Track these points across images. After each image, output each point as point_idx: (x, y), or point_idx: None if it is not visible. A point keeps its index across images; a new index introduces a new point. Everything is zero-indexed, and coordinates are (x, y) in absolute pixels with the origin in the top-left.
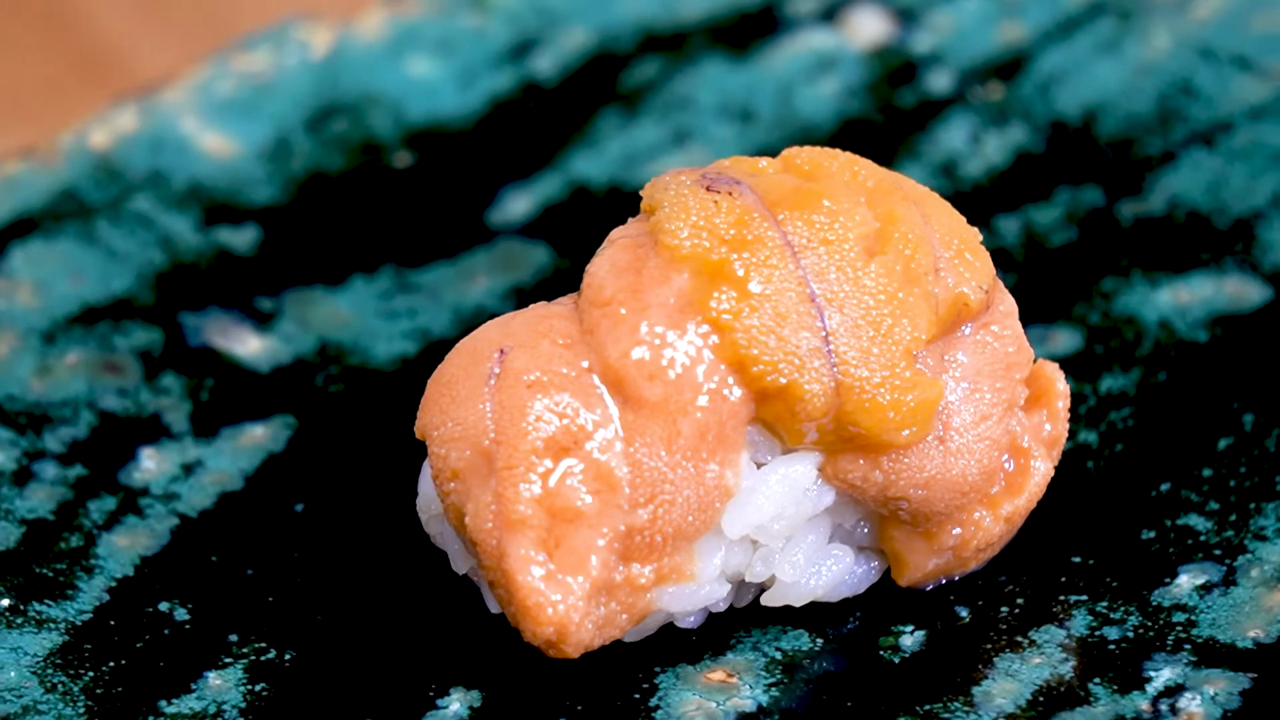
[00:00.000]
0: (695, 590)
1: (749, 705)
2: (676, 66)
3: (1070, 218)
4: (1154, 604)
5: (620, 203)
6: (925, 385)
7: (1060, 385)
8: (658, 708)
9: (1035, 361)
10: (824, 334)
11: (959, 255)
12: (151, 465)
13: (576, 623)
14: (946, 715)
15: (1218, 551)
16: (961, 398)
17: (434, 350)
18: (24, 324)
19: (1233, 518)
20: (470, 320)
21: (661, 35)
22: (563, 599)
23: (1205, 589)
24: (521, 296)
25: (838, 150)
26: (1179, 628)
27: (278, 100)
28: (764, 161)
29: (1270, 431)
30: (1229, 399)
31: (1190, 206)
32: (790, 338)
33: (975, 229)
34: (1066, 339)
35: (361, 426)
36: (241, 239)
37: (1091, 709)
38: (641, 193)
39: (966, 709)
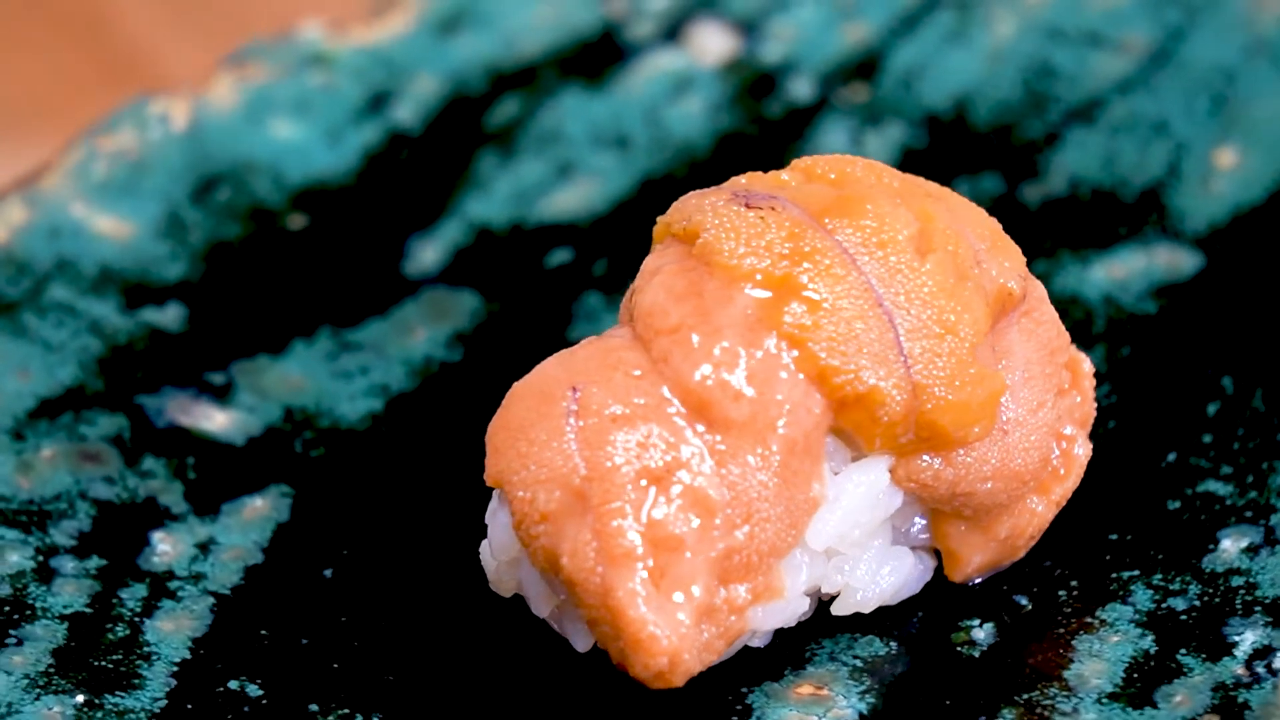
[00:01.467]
0: (784, 607)
1: (850, 715)
2: (536, 101)
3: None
4: (1208, 571)
5: (526, 240)
6: (990, 379)
7: (1086, 365)
8: None
9: None
10: (896, 337)
11: (993, 247)
12: (167, 548)
13: (687, 652)
14: (1047, 702)
15: (1249, 514)
16: (1016, 388)
17: (399, 404)
18: None
19: (1250, 479)
20: (423, 372)
21: (509, 73)
22: (673, 629)
23: (1251, 551)
24: (467, 344)
25: (852, 156)
26: (1242, 591)
27: (155, 176)
28: (785, 174)
29: (1253, 391)
30: (1201, 365)
31: (1092, 183)
32: (866, 344)
33: (994, 219)
34: None
35: (357, 487)
36: (168, 317)
37: (1190, 679)
38: (667, 221)
39: (1065, 694)
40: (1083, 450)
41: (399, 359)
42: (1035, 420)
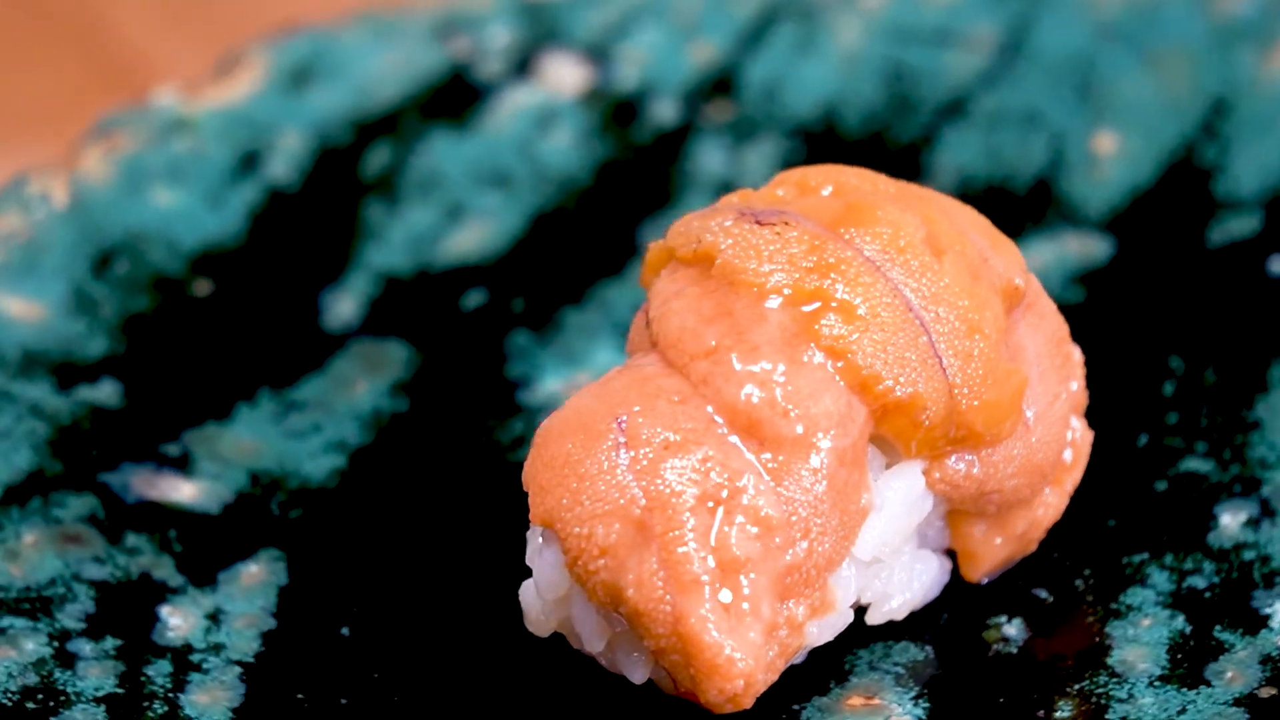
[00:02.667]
0: (836, 620)
1: None
2: (406, 147)
3: None
4: (1216, 548)
5: (436, 285)
6: (1015, 375)
7: (1076, 354)
8: None
9: None
10: (930, 340)
11: (994, 243)
12: (178, 621)
13: (760, 672)
14: (1101, 690)
15: (1238, 488)
16: (1034, 382)
17: (362, 459)
18: None
19: (1227, 454)
20: (375, 424)
21: (372, 121)
22: (747, 651)
23: (1253, 524)
24: (410, 393)
25: (840, 166)
26: (1257, 564)
27: (51, 255)
28: (779, 190)
29: (1203, 368)
30: (1142, 347)
31: (983, 179)
32: (904, 350)
33: (984, 217)
34: None
35: (346, 544)
36: (104, 393)
37: (1235, 655)
38: (667, 245)
39: (1115, 681)
40: (1084, 437)
41: (347, 414)
42: (1052, 413)
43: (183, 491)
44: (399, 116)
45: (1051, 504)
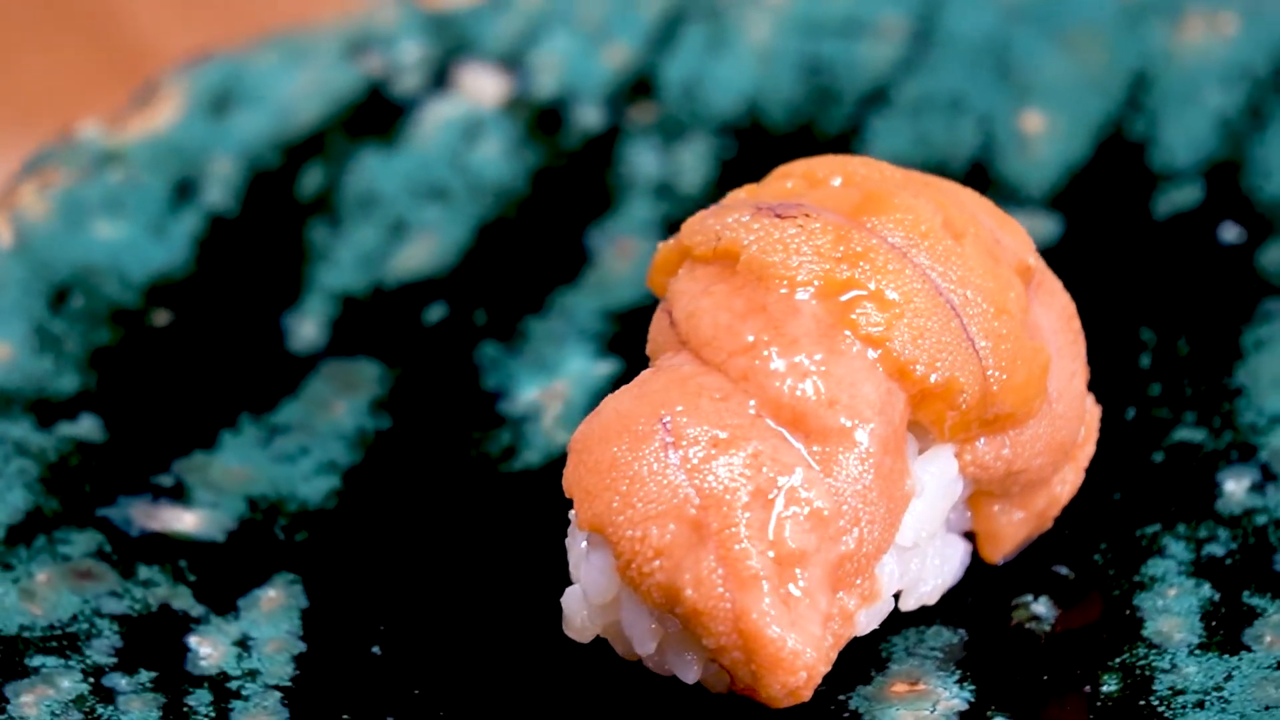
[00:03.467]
0: (881, 609)
1: (960, 704)
2: (339, 167)
3: None
4: (1226, 515)
5: (394, 301)
6: (1039, 352)
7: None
8: None
9: None
10: (962, 323)
11: (1000, 225)
12: (209, 650)
13: (822, 664)
14: (1143, 663)
15: (1234, 454)
16: (1053, 358)
17: (356, 478)
18: None
19: (1217, 422)
20: (362, 443)
21: (299, 143)
22: (809, 643)
23: (1257, 489)
24: (390, 410)
25: (844, 156)
26: (1270, 528)
27: (5, 294)
28: (788, 183)
29: (1176, 338)
30: (1111, 320)
31: (918, 165)
32: (938, 334)
33: (986, 198)
34: None
35: (358, 564)
36: (85, 428)
37: (1268, 619)
38: (685, 243)
39: (1155, 652)
40: (1094, 412)
41: (331, 435)
42: (1071, 389)
43: (184, 521)
44: (325, 137)
45: (1070, 480)
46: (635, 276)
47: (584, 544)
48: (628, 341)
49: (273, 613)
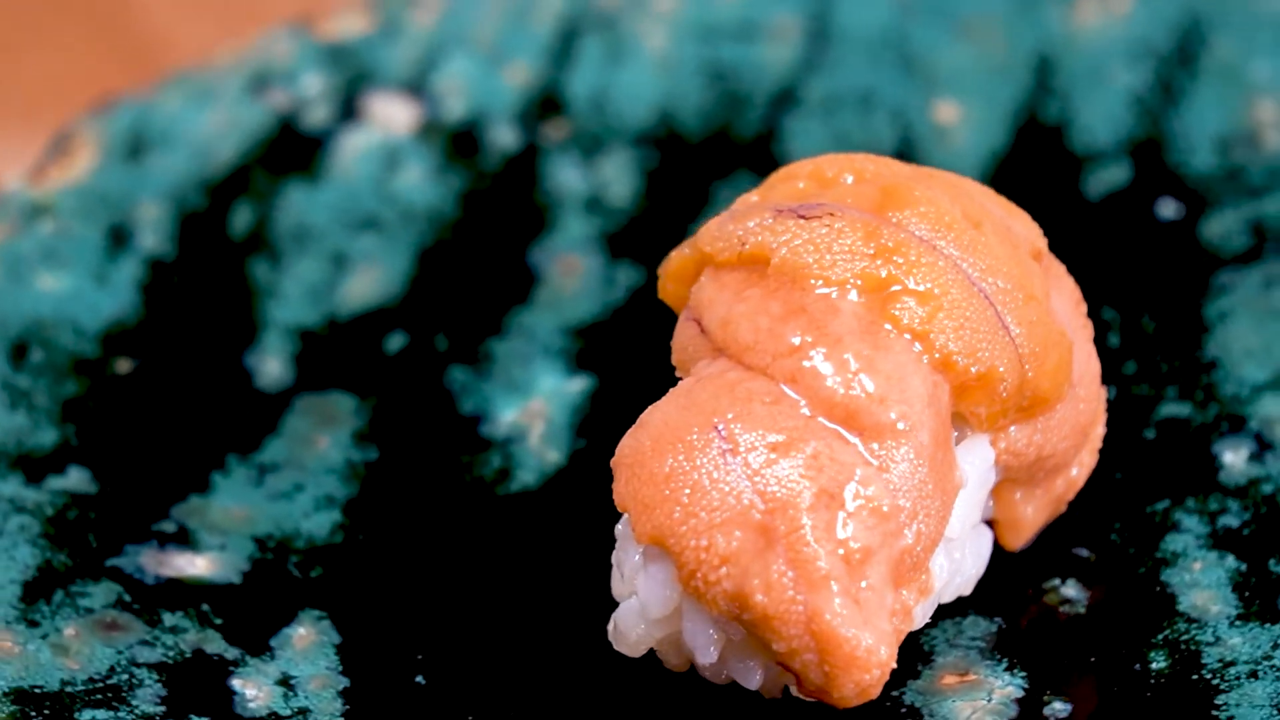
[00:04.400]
0: (932, 602)
1: (1015, 692)
2: (266, 204)
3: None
4: (1232, 485)
5: (352, 334)
6: (1064, 336)
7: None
8: None
9: None
10: (997, 312)
11: (1008, 213)
12: (254, 692)
13: (893, 660)
14: (1186, 638)
15: (1224, 426)
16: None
17: (356, 511)
18: None
19: (1199, 395)
20: (355, 475)
21: (221, 183)
22: (882, 640)
23: (1256, 458)
24: (375, 440)
25: (848, 154)
26: (1278, 495)
27: None
28: (800, 183)
29: (1138, 316)
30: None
31: None
32: (977, 324)
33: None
34: None
35: (380, 596)
36: (76, 481)
37: None
38: (706, 249)
39: (1196, 626)
40: (1102, 393)
41: (321, 469)
42: (1089, 371)
43: (197, 565)
44: (247, 174)
45: (1085, 463)
46: (586, 291)
47: (638, 557)
48: (595, 356)
49: (307, 650)
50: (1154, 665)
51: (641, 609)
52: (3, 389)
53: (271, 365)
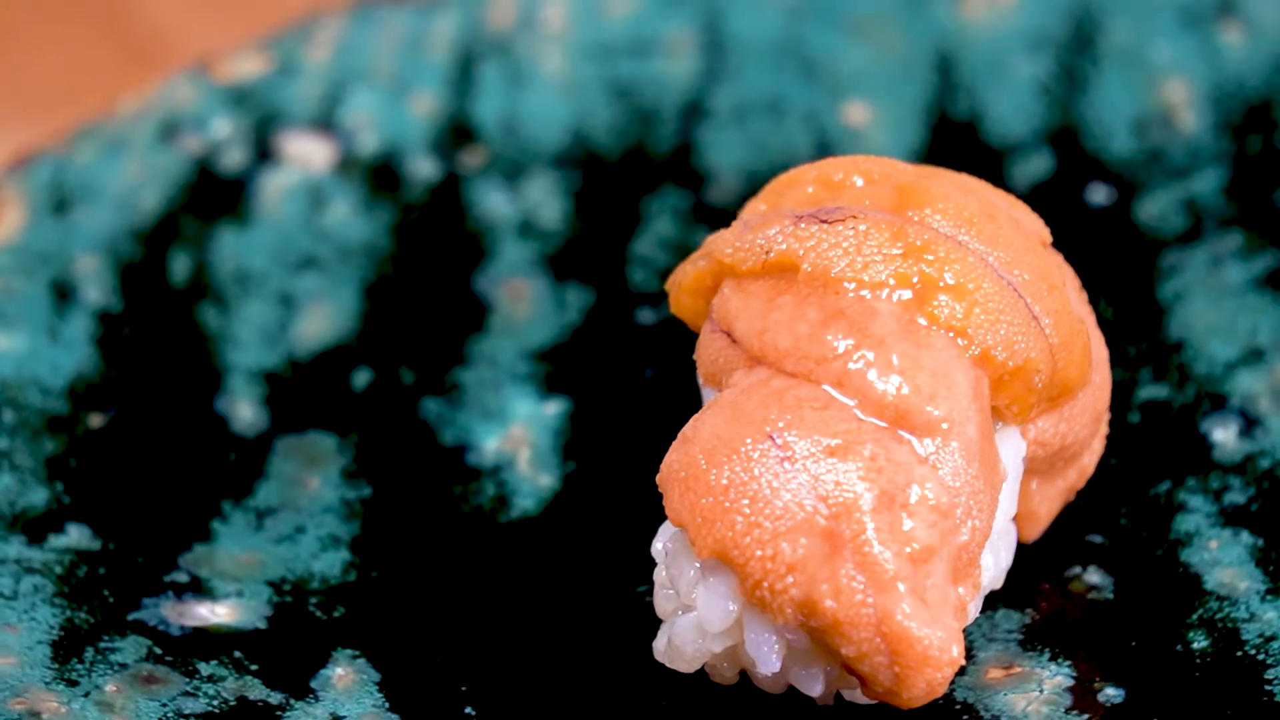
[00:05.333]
0: (981, 597)
1: (1066, 681)
2: (202, 249)
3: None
4: (1229, 463)
5: (316, 373)
6: (1082, 323)
7: None
8: (999, 716)
9: None
10: (1026, 303)
11: (1011, 204)
12: None
13: (962, 657)
14: (1220, 615)
15: (1206, 405)
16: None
17: (364, 547)
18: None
19: (1174, 377)
20: (354, 514)
21: (152, 231)
22: (950, 639)
23: (1245, 434)
24: (365, 477)
25: (848, 156)
26: (1278, 468)
27: None
28: (810, 188)
29: (1094, 304)
30: None
31: (766, 172)
32: (1011, 317)
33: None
34: None
35: (409, 631)
36: (77, 538)
37: None
38: (727, 261)
39: (1228, 603)
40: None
41: (317, 509)
42: (1101, 356)
43: (219, 614)
44: (176, 221)
45: (1096, 450)
46: (539, 315)
47: (693, 572)
48: (564, 378)
49: (350, 690)
50: (1195, 645)
51: (701, 623)
52: None
53: (244, 409)
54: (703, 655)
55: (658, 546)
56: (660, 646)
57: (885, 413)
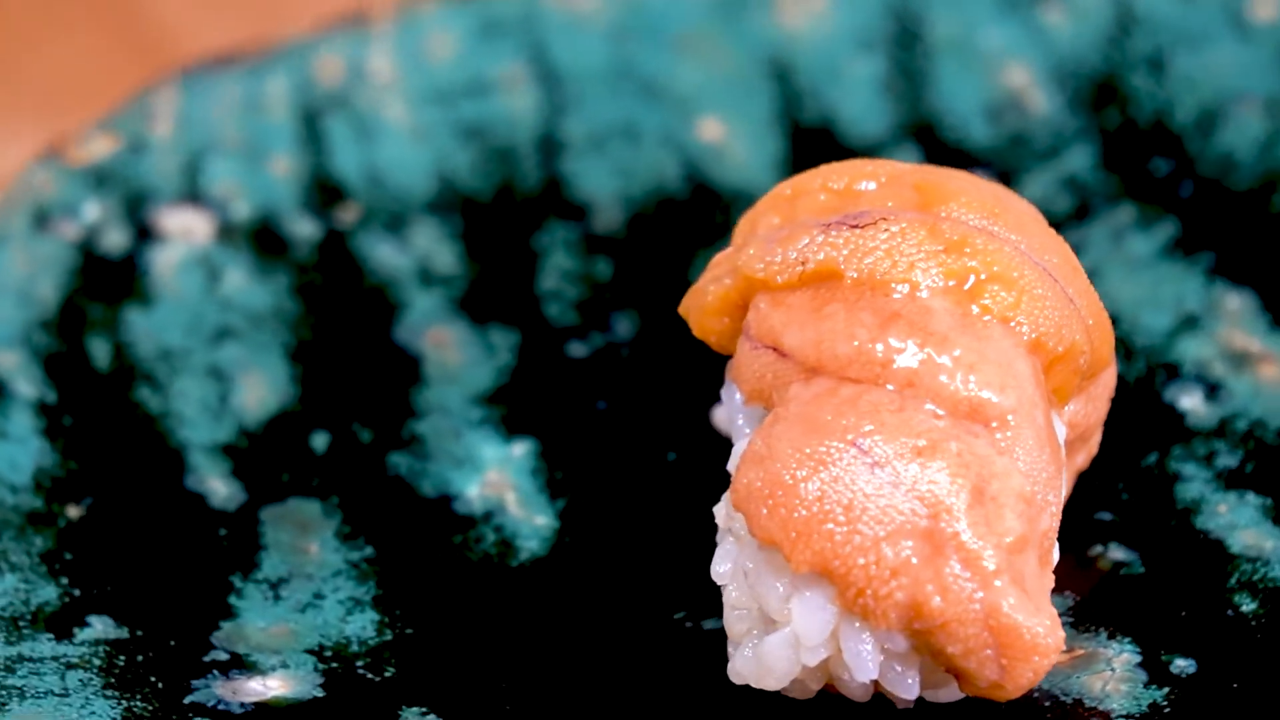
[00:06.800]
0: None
1: (1133, 657)
2: (116, 333)
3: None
4: (1209, 429)
5: (274, 441)
6: (1100, 302)
7: None
8: (1081, 699)
9: None
10: (1063, 287)
11: (1006, 193)
12: None
13: (1063, 643)
14: (1258, 576)
15: (1162, 375)
16: None
17: (387, 606)
18: None
19: (1120, 351)
20: (367, 574)
21: (59, 321)
22: (1054, 626)
23: (1211, 397)
24: (363, 536)
25: (850, 160)
26: (1256, 427)
27: None
28: (822, 196)
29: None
30: None
31: (643, 197)
32: (1055, 302)
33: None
34: None
35: (467, 682)
36: (104, 629)
37: None
38: (751, 274)
39: (1261, 564)
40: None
41: (328, 574)
42: (1110, 334)
43: (272, 687)
44: (81, 310)
45: (1098, 433)
46: (471, 360)
47: (782, 588)
48: (520, 419)
49: None
50: (1244, 608)
51: (796, 638)
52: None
53: (216, 485)
54: (795, 670)
55: (722, 569)
56: (740, 667)
57: (959, 408)
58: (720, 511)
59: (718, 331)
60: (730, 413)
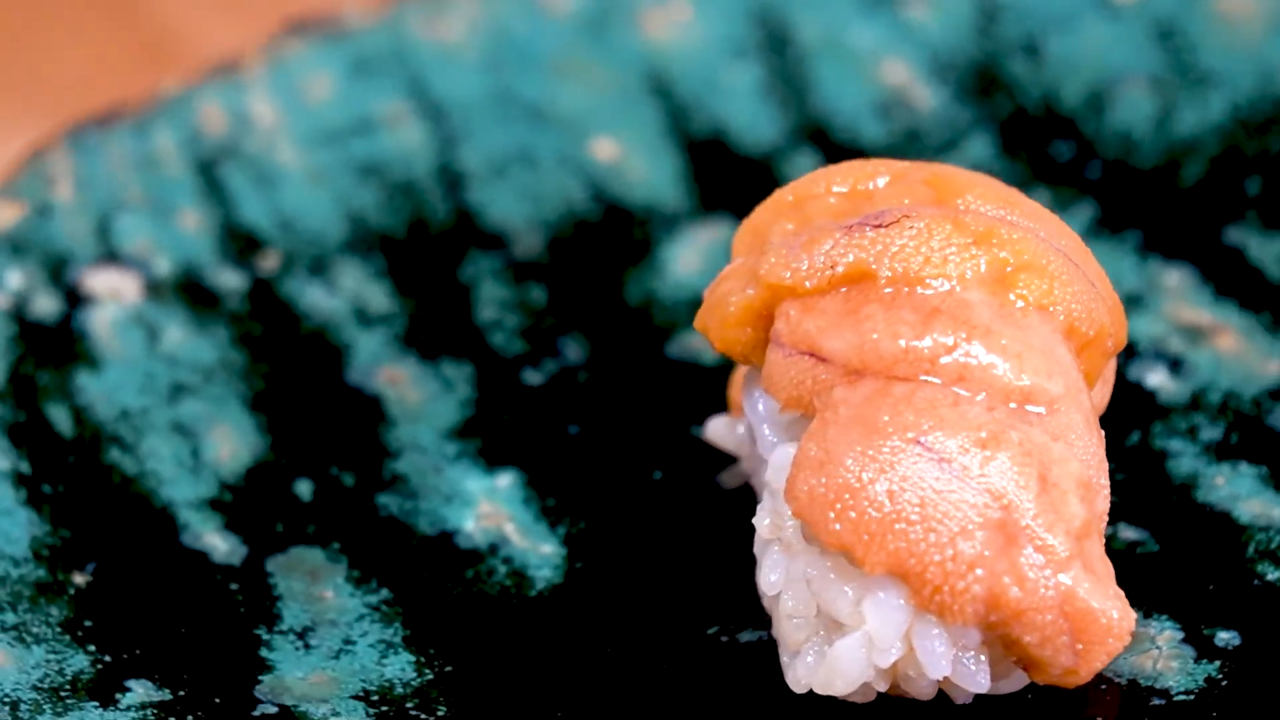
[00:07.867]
0: None
1: (1176, 634)
2: (70, 399)
3: None
4: (1184, 404)
5: (259, 495)
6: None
7: None
8: (1136, 679)
9: None
10: (1083, 271)
11: (996, 183)
12: None
13: (1134, 623)
14: (1275, 546)
15: (1120, 357)
16: None
17: (421, 647)
18: None
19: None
20: (390, 617)
21: (6, 391)
22: (1125, 607)
23: (1175, 372)
24: (376, 578)
25: (852, 160)
26: (1231, 398)
27: None
28: (831, 199)
29: None
30: None
31: (558, 219)
32: (1081, 287)
33: None
34: None
35: (525, 715)
36: (146, 693)
37: None
38: (774, 284)
39: (1275, 531)
40: None
41: (351, 620)
42: (1123, 316)
43: None
44: (30, 379)
45: (1101, 408)
46: (431, 395)
47: (850, 592)
48: (497, 450)
49: None
50: (1270, 576)
51: (871, 640)
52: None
53: (214, 540)
54: (867, 673)
55: (773, 578)
56: (802, 674)
57: (1012, 397)
58: (763, 523)
59: (741, 343)
60: (755, 422)
